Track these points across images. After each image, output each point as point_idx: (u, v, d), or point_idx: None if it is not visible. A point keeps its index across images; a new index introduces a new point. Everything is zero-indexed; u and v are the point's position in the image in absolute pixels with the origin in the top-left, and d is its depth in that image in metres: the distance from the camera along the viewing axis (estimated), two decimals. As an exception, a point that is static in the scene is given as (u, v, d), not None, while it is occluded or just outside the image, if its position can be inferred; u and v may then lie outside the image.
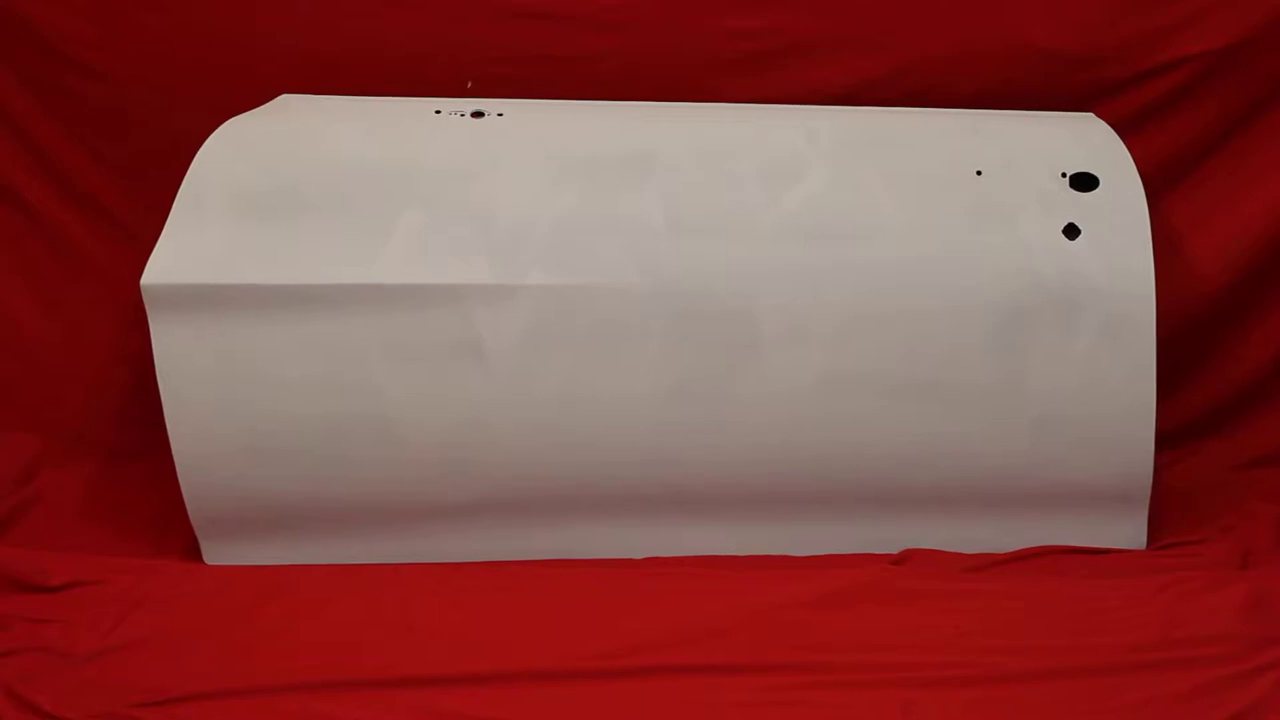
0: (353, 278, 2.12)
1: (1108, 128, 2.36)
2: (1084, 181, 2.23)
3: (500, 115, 2.35)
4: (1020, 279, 2.16)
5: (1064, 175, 2.24)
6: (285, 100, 2.44)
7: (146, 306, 2.11)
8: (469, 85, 2.47)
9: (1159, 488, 2.25)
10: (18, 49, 2.48)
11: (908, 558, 2.20)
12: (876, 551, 2.21)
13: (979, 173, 2.25)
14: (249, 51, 2.49)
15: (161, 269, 2.12)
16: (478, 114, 2.35)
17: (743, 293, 2.16)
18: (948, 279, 2.17)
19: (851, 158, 2.27)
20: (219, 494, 2.18)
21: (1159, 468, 2.23)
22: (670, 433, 2.18)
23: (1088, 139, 2.32)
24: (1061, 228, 2.19)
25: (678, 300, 2.15)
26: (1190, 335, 2.49)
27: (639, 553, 2.23)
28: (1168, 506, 2.32)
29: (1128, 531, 2.26)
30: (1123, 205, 2.21)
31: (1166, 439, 2.38)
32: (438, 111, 2.36)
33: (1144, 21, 2.44)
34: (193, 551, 2.25)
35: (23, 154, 2.52)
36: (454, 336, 2.13)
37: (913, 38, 2.47)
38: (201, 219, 2.17)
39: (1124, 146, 2.30)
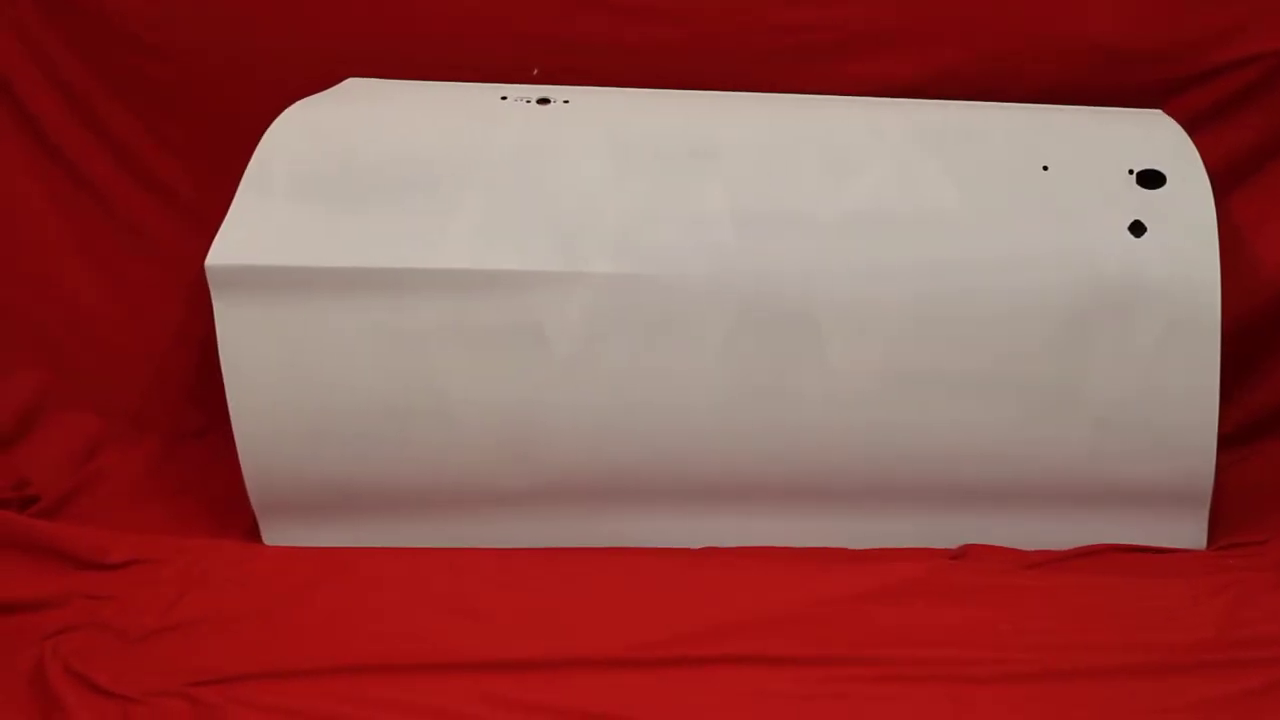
0: (416, 262, 2.13)
1: (1177, 125, 2.33)
2: (1151, 179, 2.21)
3: (566, 102, 2.35)
4: (1085, 275, 2.14)
5: (1131, 172, 2.22)
6: (351, 84, 2.45)
7: (211, 288, 2.12)
8: (535, 72, 2.47)
9: (1219, 488, 2.23)
10: (84, 30, 2.49)
11: (966, 553, 2.19)
12: (935, 546, 2.21)
13: (1045, 168, 2.23)
14: (315, 35, 2.49)
15: (226, 250, 2.13)
16: (544, 101, 2.35)
17: (805, 286, 2.15)
18: (1012, 275, 2.15)
19: (916, 151, 2.26)
20: (279, 475, 2.19)
21: (1219, 468, 2.21)
22: (730, 423, 2.17)
23: (1156, 136, 2.30)
24: (1128, 225, 2.17)
25: (740, 292, 2.14)
26: (1252, 334, 2.46)
27: (695, 543, 2.23)
28: (1228, 507, 2.30)
29: (1188, 531, 2.24)
30: (1190, 203, 2.19)
31: (1227, 439, 2.35)
32: (504, 98, 2.36)
33: (1213, 18, 2.42)
34: (252, 532, 2.26)
35: (88, 134, 2.54)
36: (516, 322, 2.13)
37: (980, 32, 2.45)
38: (266, 201, 2.18)
39: (1192, 144, 2.27)
